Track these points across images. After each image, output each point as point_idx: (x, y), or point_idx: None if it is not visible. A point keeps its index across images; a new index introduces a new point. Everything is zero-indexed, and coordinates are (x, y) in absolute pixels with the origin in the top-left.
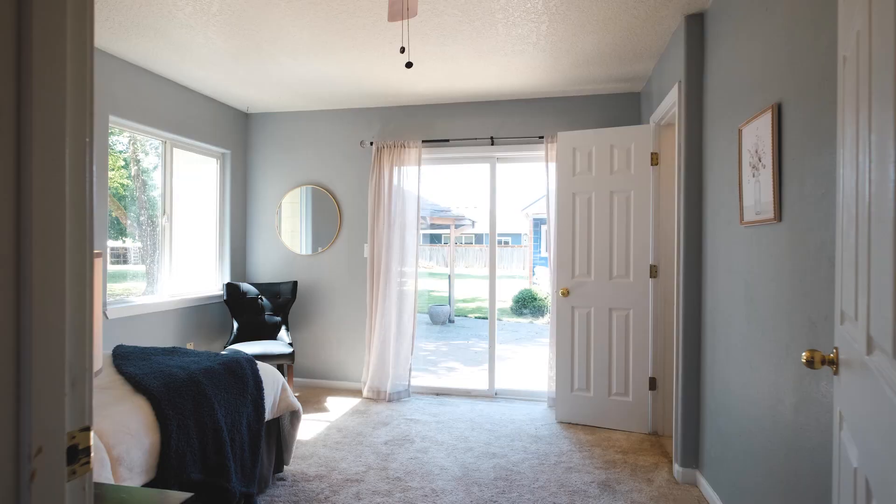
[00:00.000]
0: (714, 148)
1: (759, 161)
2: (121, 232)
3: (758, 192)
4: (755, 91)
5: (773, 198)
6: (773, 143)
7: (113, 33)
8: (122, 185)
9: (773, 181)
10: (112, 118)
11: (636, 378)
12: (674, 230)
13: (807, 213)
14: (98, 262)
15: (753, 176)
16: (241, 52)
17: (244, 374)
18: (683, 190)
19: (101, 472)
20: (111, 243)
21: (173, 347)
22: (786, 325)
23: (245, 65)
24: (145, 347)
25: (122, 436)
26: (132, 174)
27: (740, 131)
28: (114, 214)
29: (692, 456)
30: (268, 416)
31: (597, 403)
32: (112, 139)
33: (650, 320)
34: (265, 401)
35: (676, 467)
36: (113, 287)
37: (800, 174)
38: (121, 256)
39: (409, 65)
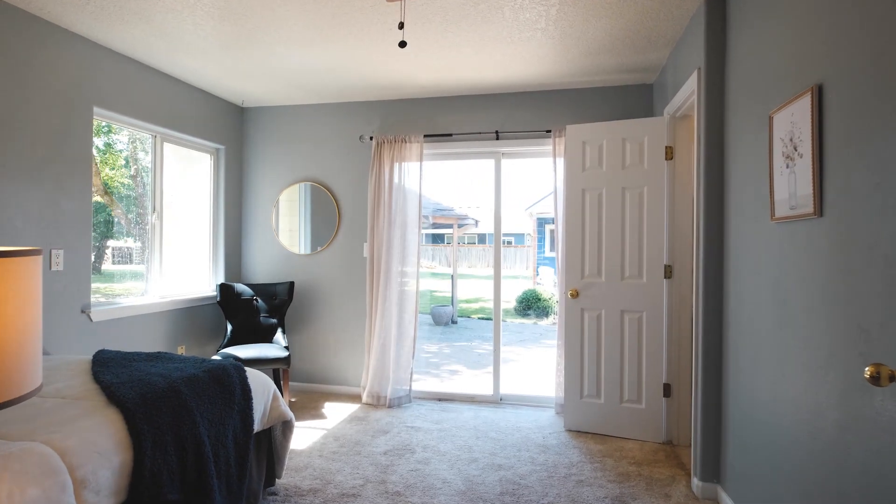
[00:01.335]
0: (738, 138)
1: (795, 150)
2: (121, 231)
3: (793, 185)
4: (790, 73)
5: (813, 190)
6: (812, 129)
7: (95, 19)
8: (123, 184)
9: (813, 172)
10: (96, 110)
11: (649, 384)
12: (690, 228)
13: (855, 205)
14: (32, 262)
15: (787, 167)
16: (233, 39)
17: (231, 383)
18: (703, 184)
19: (62, 497)
20: (113, 243)
21: (158, 353)
22: (827, 332)
23: (237, 54)
24: (127, 353)
25: (89, 454)
26: (133, 173)
27: (771, 118)
28: (113, 214)
29: (713, 469)
30: (257, 427)
31: (608, 411)
32: (113, 137)
33: (664, 323)
34: (254, 411)
35: (695, 481)
36: (115, 287)
37: (846, 162)
38: (123, 256)
39: (402, 44)
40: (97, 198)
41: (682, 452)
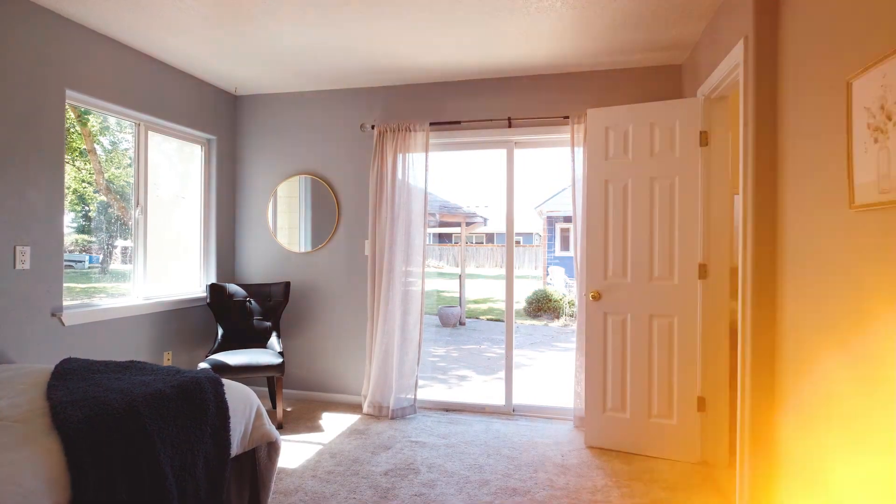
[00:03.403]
0: (797, 114)
1: (889, 120)
2: (128, 232)
3: (884, 164)
4: (876, 27)
5: None
6: None
7: None
8: (130, 182)
9: None
10: (69, 93)
11: (681, 397)
12: (728, 222)
13: None
14: None
15: (876, 141)
16: (217, 13)
17: (203, 400)
18: (752, 170)
19: None
20: (121, 242)
21: (129, 362)
22: None
23: (224, 31)
24: (95, 362)
25: (10, 498)
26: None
27: (849, 85)
28: (117, 212)
29: (763, 502)
30: (236, 450)
31: (634, 426)
32: (118, 136)
33: (699, 330)
34: (231, 432)
35: None
36: (119, 287)
37: None
38: (126, 256)
39: None
40: (102, 197)
41: (719, 475)
